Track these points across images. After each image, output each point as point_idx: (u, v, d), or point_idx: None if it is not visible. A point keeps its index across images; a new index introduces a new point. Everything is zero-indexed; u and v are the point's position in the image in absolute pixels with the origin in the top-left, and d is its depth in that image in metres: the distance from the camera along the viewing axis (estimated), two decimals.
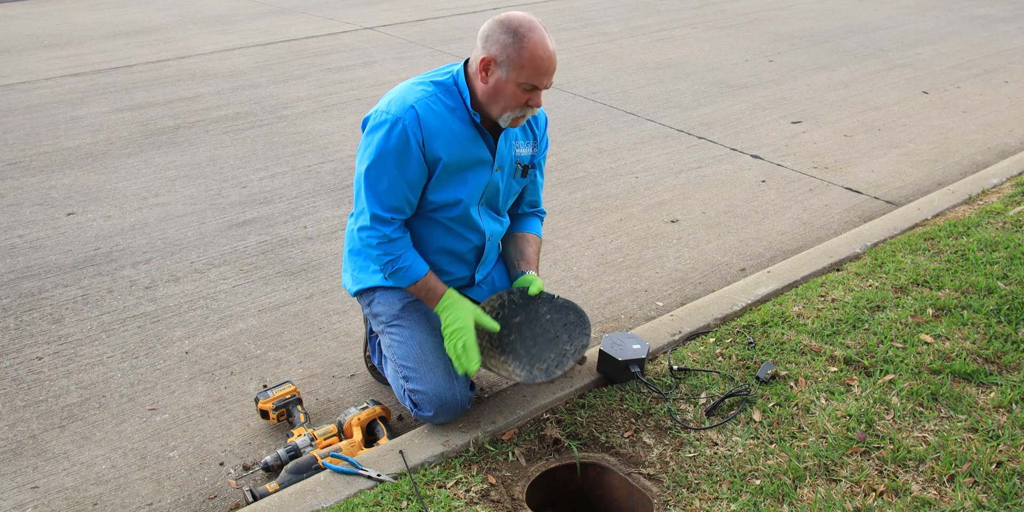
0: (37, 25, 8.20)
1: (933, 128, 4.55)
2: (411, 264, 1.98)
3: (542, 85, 1.83)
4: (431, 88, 1.91)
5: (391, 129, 1.86)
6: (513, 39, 1.78)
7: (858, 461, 1.89)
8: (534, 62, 1.79)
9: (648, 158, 4.21)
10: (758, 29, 7.15)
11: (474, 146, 1.95)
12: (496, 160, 2.01)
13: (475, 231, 2.08)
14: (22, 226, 3.54)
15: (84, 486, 2.07)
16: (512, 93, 1.83)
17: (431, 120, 1.88)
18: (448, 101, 1.91)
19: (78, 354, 2.62)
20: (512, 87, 1.83)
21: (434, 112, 1.88)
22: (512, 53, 1.79)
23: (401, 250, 1.97)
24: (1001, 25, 7.10)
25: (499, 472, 1.92)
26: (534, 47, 1.78)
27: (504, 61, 1.80)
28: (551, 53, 1.81)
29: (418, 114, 1.86)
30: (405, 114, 1.86)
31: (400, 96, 1.89)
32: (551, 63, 1.81)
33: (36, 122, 4.96)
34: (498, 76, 1.83)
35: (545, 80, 1.82)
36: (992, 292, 2.57)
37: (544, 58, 1.79)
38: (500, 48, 1.80)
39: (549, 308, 2.12)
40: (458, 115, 1.92)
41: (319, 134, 4.64)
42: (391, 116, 1.86)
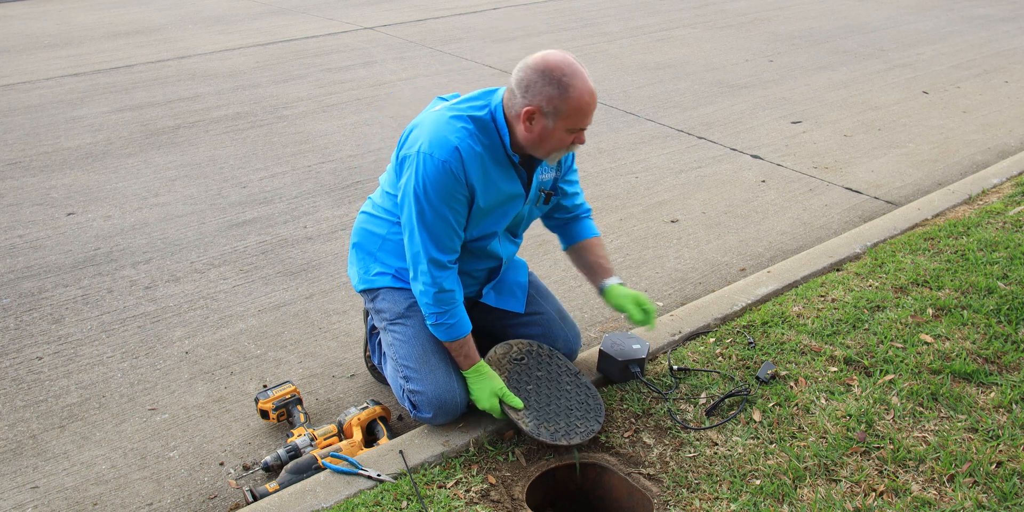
0: (37, 25, 8.20)
1: (933, 128, 4.55)
2: (458, 322, 1.98)
3: (588, 125, 1.83)
4: (470, 126, 1.85)
5: (439, 172, 1.81)
6: (558, 90, 1.75)
7: (858, 461, 1.89)
8: (580, 109, 1.77)
9: (648, 158, 4.21)
10: (758, 29, 7.15)
11: (508, 184, 1.94)
12: (529, 195, 2.02)
13: (493, 256, 2.10)
14: (22, 226, 3.54)
15: (84, 486, 2.07)
16: (560, 138, 1.82)
17: (472, 161, 1.84)
18: (484, 139, 1.87)
19: (78, 354, 2.63)
20: (560, 134, 1.81)
21: (474, 153, 1.85)
22: (559, 104, 1.76)
23: (451, 306, 1.97)
24: (1001, 25, 7.10)
25: (499, 472, 1.92)
26: (579, 95, 1.75)
27: (550, 112, 1.78)
28: (594, 93, 1.79)
29: (462, 157, 1.83)
30: (451, 157, 1.81)
31: (441, 135, 1.83)
32: (595, 103, 1.80)
33: (36, 122, 4.96)
34: (544, 125, 1.80)
35: (590, 119, 1.82)
36: (992, 292, 2.57)
37: (589, 102, 1.78)
38: (545, 99, 1.76)
39: (571, 381, 2.12)
40: (492, 153, 1.89)
41: (319, 134, 4.64)
42: (436, 159, 1.81)
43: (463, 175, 1.83)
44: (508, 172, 1.93)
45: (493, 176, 1.90)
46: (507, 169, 1.92)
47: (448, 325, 1.98)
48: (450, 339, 2.00)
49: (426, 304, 1.97)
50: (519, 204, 2.01)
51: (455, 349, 2.02)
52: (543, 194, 2.08)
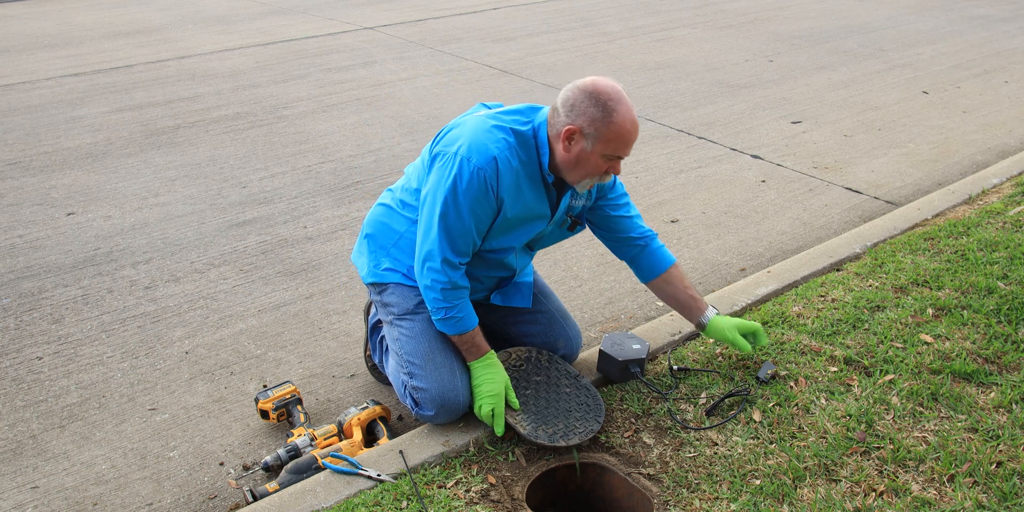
0: (37, 25, 8.21)
1: (933, 128, 4.55)
2: (465, 316, 1.98)
3: (625, 155, 1.83)
4: (511, 139, 1.86)
5: (472, 178, 1.82)
6: (602, 113, 1.76)
7: (858, 461, 1.89)
8: (622, 136, 1.78)
9: (648, 158, 4.21)
10: (758, 29, 7.15)
11: (537, 203, 1.95)
12: (555, 216, 2.02)
13: (506, 268, 2.11)
14: (22, 226, 3.55)
15: (84, 486, 2.07)
16: (595, 164, 1.82)
17: (507, 175, 1.85)
18: (523, 155, 1.87)
19: (78, 354, 2.63)
20: (596, 159, 1.81)
21: (511, 167, 1.85)
22: (600, 127, 1.76)
23: (459, 300, 1.97)
24: (1001, 25, 7.10)
25: (499, 472, 1.92)
26: (623, 121, 1.76)
27: (591, 134, 1.78)
28: (636, 124, 1.80)
29: (499, 168, 1.82)
30: (487, 166, 1.81)
31: (481, 142, 1.83)
32: (636, 134, 1.81)
33: (36, 122, 4.96)
34: (583, 147, 1.80)
35: (629, 150, 1.82)
36: (992, 292, 2.57)
37: (631, 131, 1.78)
38: (587, 120, 1.77)
39: (570, 383, 2.12)
40: (528, 171, 1.89)
41: (319, 134, 4.64)
42: (472, 164, 1.81)
43: (496, 185, 1.84)
44: (539, 191, 1.94)
45: (524, 192, 1.90)
46: (539, 187, 1.93)
47: (457, 319, 1.98)
48: (459, 332, 2.00)
49: (434, 299, 1.97)
50: (542, 224, 2.02)
51: (464, 342, 2.02)
52: (569, 219, 2.08)
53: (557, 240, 2.18)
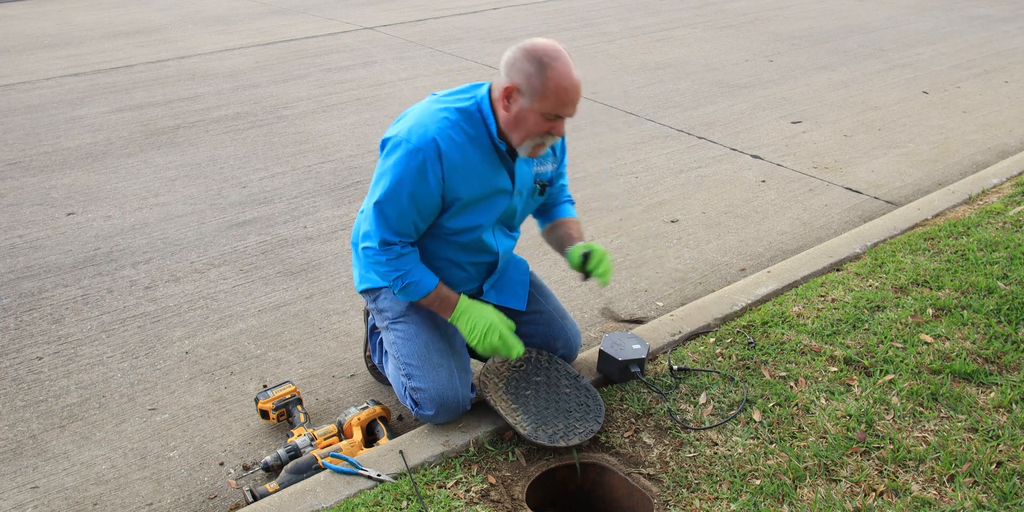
0: (37, 25, 8.20)
1: (933, 128, 4.55)
2: (420, 278, 1.96)
3: (566, 114, 1.80)
4: (454, 116, 1.85)
5: (409, 160, 1.82)
6: (537, 68, 1.74)
7: (858, 461, 1.89)
8: (558, 92, 1.75)
9: (648, 158, 4.21)
10: (758, 29, 7.15)
11: (494, 176, 1.93)
12: (516, 186, 2.00)
13: (488, 251, 2.09)
14: (22, 226, 3.54)
15: (84, 486, 2.07)
16: (535, 122, 1.80)
17: (452, 154, 1.83)
18: (470, 130, 1.87)
19: (78, 354, 2.62)
20: (535, 116, 1.79)
21: (456, 144, 1.84)
22: (536, 84, 1.75)
23: (410, 265, 1.95)
24: (1001, 25, 7.10)
25: (499, 472, 1.92)
26: (558, 77, 1.74)
27: (528, 90, 1.76)
28: (576, 83, 1.77)
29: (439, 148, 1.82)
30: (426, 146, 1.81)
31: (421, 124, 1.84)
32: (575, 93, 1.77)
33: (36, 122, 4.96)
34: (521, 105, 1.79)
35: (569, 110, 1.79)
36: (992, 292, 2.57)
37: (568, 88, 1.76)
38: (524, 77, 1.76)
39: (570, 383, 2.12)
40: (479, 144, 1.88)
41: (319, 134, 4.64)
42: (411, 145, 1.81)
43: (438, 165, 1.83)
44: (493, 163, 1.92)
45: (477, 167, 1.89)
46: (492, 160, 1.92)
47: (415, 283, 1.96)
48: (422, 295, 1.98)
49: (385, 273, 1.96)
50: (506, 199, 1.99)
51: (433, 302, 2.00)
52: (538, 185, 2.07)
53: (531, 208, 2.15)
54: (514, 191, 2.00)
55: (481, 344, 1.97)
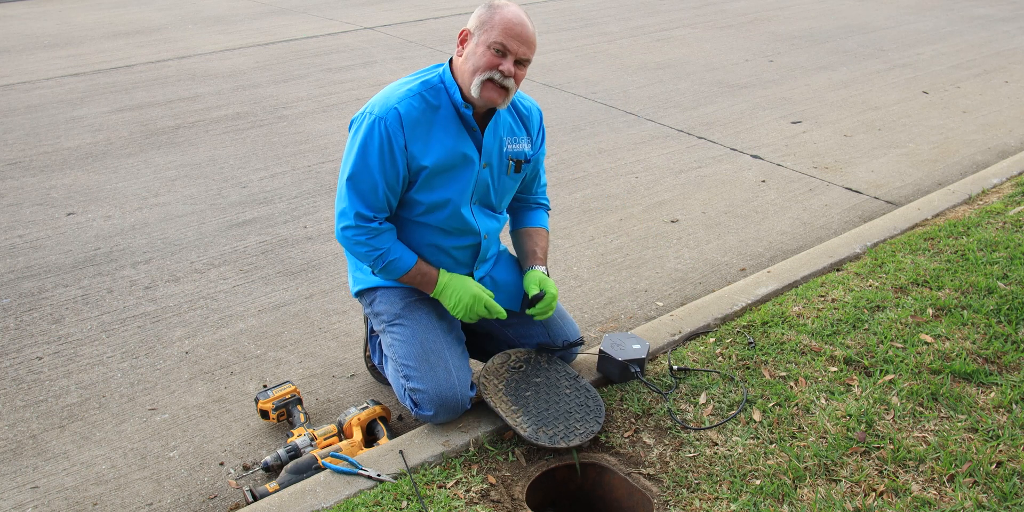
0: (37, 25, 8.20)
1: (933, 128, 4.55)
2: (400, 255, 2.00)
3: (513, 49, 1.84)
4: (416, 87, 1.93)
5: (371, 130, 1.89)
6: (487, 9, 1.86)
7: (858, 461, 1.89)
8: (503, 23, 1.83)
9: (648, 158, 4.21)
10: (758, 29, 7.15)
11: (459, 144, 1.95)
12: (483, 157, 2.00)
13: (470, 231, 2.07)
14: (22, 226, 3.54)
15: (84, 486, 2.07)
16: (481, 54, 1.85)
17: (413, 120, 1.90)
18: (432, 99, 1.93)
19: (78, 354, 2.63)
20: (482, 49, 1.85)
21: (418, 111, 1.90)
22: (484, 18, 1.85)
23: (388, 243, 1.98)
24: (1001, 25, 7.10)
25: (499, 472, 1.92)
26: (506, 13, 1.84)
27: (477, 28, 1.86)
28: (523, 20, 1.85)
29: (400, 115, 1.88)
30: (387, 114, 1.88)
31: (384, 96, 1.92)
32: (522, 28, 1.84)
33: (36, 122, 4.96)
34: (471, 43, 1.88)
35: (515, 45, 1.84)
36: (992, 292, 2.57)
37: (514, 22, 1.83)
38: (476, 20, 1.87)
39: (570, 384, 2.12)
40: (443, 113, 1.94)
41: (319, 134, 4.64)
42: (373, 117, 1.89)
43: (400, 132, 1.88)
44: (459, 131, 1.95)
45: (440, 135, 1.93)
46: (458, 128, 1.95)
47: (394, 260, 1.99)
48: (403, 272, 2.02)
49: (366, 253, 1.99)
50: (472, 169, 2.00)
51: (414, 278, 2.04)
52: (512, 162, 2.07)
53: (509, 188, 2.15)
54: (481, 161, 2.00)
55: (468, 315, 2.03)
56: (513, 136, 2.07)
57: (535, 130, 2.14)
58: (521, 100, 2.11)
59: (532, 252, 2.20)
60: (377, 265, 2.00)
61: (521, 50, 1.85)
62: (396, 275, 2.02)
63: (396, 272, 2.01)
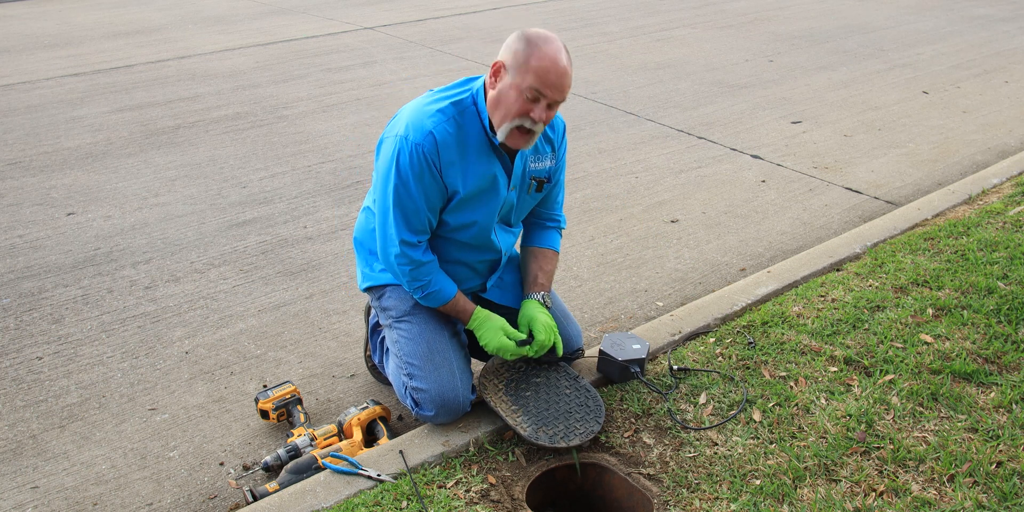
0: (37, 25, 8.20)
1: (933, 128, 4.55)
2: (441, 288, 2.00)
3: (548, 96, 1.77)
4: (449, 110, 1.87)
5: (411, 156, 1.83)
6: (525, 46, 1.76)
7: (858, 461, 1.89)
8: (541, 69, 1.74)
9: (648, 158, 4.21)
10: (758, 29, 7.15)
11: (489, 170, 1.93)
12: (511, 181, 2.00)
13: (491, 249, 2.10)
14: (22, 226, 3.54)
15: (84, 486, 2.07)
16: (514, 99, 1.78)
17: (448, 147, 1.84)
18: (464, 123, 1.87)
19: (78, 354, 2.62)
20: (515, 92, 1.77)
21: (452, 136, 1.85)
22: (521, 58, 1.75)
23: (430, 275, 1.99)
24: (1001, 25, 7.10)
25: (499, 472, 1.92)
26: (543, 55, 1.74)
27: (512, 66, 1.77)
28: (562, 66, 1.76)
29: (436, 141, 1.83)
30: (425, 140, 1.82)
31: (418, 119, 1.85)
32: (560, 75, 1.76)
33: (36, 122, 4.96)
34: (505, 81, 1.79)
35: (551, 92, 1.77)
36: (992, 292, 2.57)
37: (550, 67, 1.74)
38: (511, 54, 1.77)
39: (570, 384, 2.12)
40: (474, 138, 1.89)
41: (319, 134, 4.64)
42: (410, 142, 1.83)
43: (436, 159, 1.85)
44: (489, 156, 1.92)
45: (472, 160, 1.90)
46: (488, 153, 1.92)
47: (435, 292, 2.00)
48: (442, 303, 2.03)
49: (408, 282, 2.00)
50: (502, 190, 1.98)
51: (451, 310, 2.06)
52: (534, 182, 2.07)
53: (529, 205, 2.14)
54: (509, 185, 2.00)
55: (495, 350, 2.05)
56: (537, 154, 2.04)
57: (558, 144, 2.10)
58: None
59: (534, 277, 2.18)
60: (418, 293, 2.02)
61: (556, 95, 1.78)
62: (435, 305, 2.04)
63: (436, 302, 2.03)
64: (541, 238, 2.24)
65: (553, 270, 2.22)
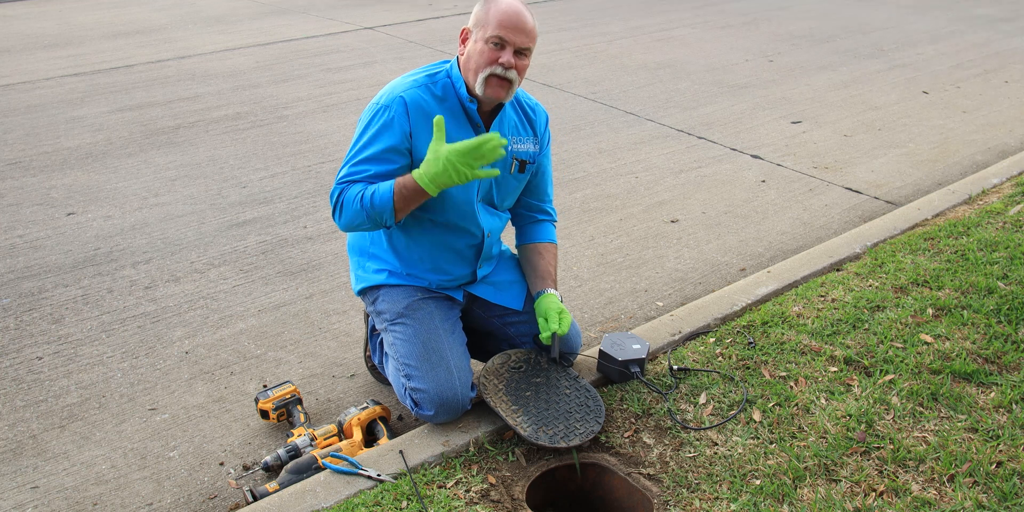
0: (37, 25, 8.20)
1: (933, 128, 4.55)
2: (376, 186, 1.86)
3: (511, 40, 1.85)
4: (422, 79, 1.95)
5: (378, 113, 1.92)
6: (484, 3, 1.88)
7: (858, 461, 1.89)
8: (498, 16, 1.83)
9: (648, 158, 4.21)
10: (758, 29, 7.15)
11: (463, 138, 1.95)
12: None
13: (474, 228, 2.07)
14: (22, 226, 3.54)
15: (84, 486, 2.07)
16: (480, 50, 1.85)
17: (419, 110, 1.91)
18: (438, 92, 1.95)
19: (78, 354, 2.62)
20: (481, 44, 1.85)
21: (423, 101, 1.92)
22: (480, 15, 1.87)
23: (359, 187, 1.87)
24: (1001, 25, 7.10)
25: (499, 472, 1.92)
26: (499, 5, 1.84)
27: (475, 25, 1.88)
28: (518, 9, 1.85)
29: (406, 102, 1.90)
30: (393, 102, 1.91)
31: (390, 87, 1.96)
32: (518, 18, 1.84)
33: (36, 122, 4.96)
34: (471, 41, 1.89)
35: (512, 35, 1.84)
36: (992, 292, 2.57)
37: (509, 13, 1.83)
38: (474, 18, 1.89)
39: (570, 384, 2.12)
40: (448, 106, 1.95)
41: (319, 134, 4.64)
42: (379, 105, 1.93)
43: (406, 121, 1.90)
44: (463, 125, 1.97)
45: (447, 128, 1.92)
46: (462, 122, 1.96)
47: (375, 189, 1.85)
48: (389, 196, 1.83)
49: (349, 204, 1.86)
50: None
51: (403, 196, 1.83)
52: (516, 162, 2.07)
53: (513, 188, 2.13)
54: None
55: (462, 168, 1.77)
56: (518, 135, 2.08)
57: (540, 131, 2.14)
58: (527, 101, 2.12)
59: (546, 272, 2.18)
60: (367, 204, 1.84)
61: (519, 40, 1.86)
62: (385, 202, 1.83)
63: (382, 199, 1.83)
64: (538, 232, 2.25)
65: (554, 264, 2.24)
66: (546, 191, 2.26)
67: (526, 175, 2.14)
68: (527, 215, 2.27)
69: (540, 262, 2.20)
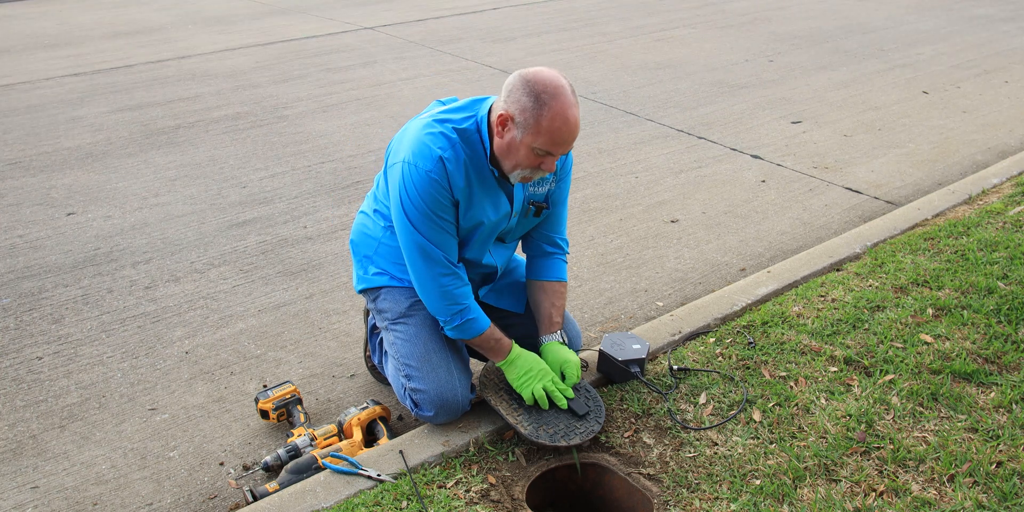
0: (37, 25, 8.20)
1: (933, 128, 4.55)
2: (477, 316, 1.97)
3: (557, 153, 1.76)
4: (453, 136, 1.82)
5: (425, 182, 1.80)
6: (534, 103, 1.70)
7: (858, 461, 1.89)
8: (551, 132, 1.71)
9: (648, 158, 4.21)
10: (758, 29, 7.15)
11: (492, 197, 1.92)
12: (513, 208, 1.99)
13: (486, 266, 2.10)
14: (22, 226, 3.55)
15: (84, 486, 2.07)
16: (524, 155, 1.77)
17: (456, 173, 1.82)
18: (468, 151, 1.84)
19: (78, 354, 2.63)
20: (526, 150, 1.75)
21: (459, 164, 1.82)
22: (530, 119, 1.71)
23: (467, 300, 1.95)
24: (1001, 25, 7.10)
25: (499, 472, 1.92)
26: (553, 117, 1.69)
27: (521, 123, 1.73)
28: (571, 124, 1.71)
29: (446, 168, 1.80)
30: (435, 168, 1.79)
31: (424, 145, 1.81)
32: (569, 133, 1.73)
33: (36, 122, 4.96)
34: (513, 135, 1.76)
35: (560, 148, 1.75)
36: (992, 292, 2.57)
37: (562, 129, 1.71)
38: (519, 109, 1.72)
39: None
40: (476, 165, 1.86)
41: (319, 134, 4.64)
42: (420, 169, 1.80)
43: (448, 185, 1.82)
44: (490, 184, 1.90)
45: (476, 188, 1.88)
46: (489, 181, 1.90)
47: (469, 320, 1.96)
48: (478, 334, 1.98)
49: (445, 321, 1.98)
50: (503, 220, 1.99)
51: (486, 342, 2.00)
52: (533, 206, 2.04)
53: (527, 228, 2.14)
54: (512, 213, 2.00)
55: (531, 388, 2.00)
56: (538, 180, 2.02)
57: (563, 173, 2.07)
58: None
59: (549, 316, 2.12)
60: (454, 321, 1.96)
61: (566, 150, 1.78)
62: (470, 335, 1.99)
63: (471, 332, 1.97)
64: (547, 270, 2.16)
65: (564, 304, 2.17)
66: (560, 222, 2.17)
67: (541, 218, 2.12)
68: (538, 246, 2.19)
69: (544, 302, 2.14)
